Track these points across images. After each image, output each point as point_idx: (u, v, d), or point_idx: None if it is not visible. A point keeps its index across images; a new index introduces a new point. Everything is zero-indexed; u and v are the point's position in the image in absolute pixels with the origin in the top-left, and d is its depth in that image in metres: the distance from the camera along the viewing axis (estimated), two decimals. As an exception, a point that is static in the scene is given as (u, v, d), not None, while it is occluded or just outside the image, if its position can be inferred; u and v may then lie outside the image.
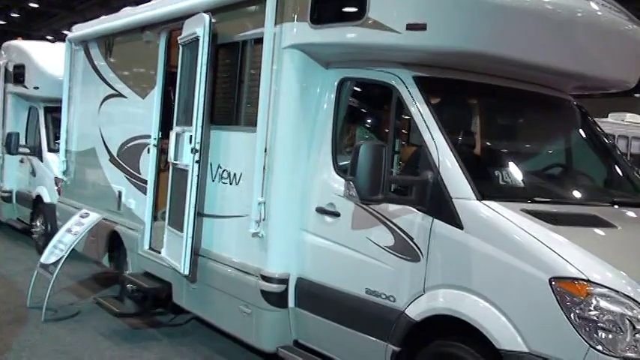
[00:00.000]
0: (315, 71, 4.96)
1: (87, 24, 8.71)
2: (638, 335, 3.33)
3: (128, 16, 7.42)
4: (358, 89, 4.92)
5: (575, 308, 3.38)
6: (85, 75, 8.38)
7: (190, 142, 5.61)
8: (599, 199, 4.61)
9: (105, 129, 7.83)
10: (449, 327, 3.92)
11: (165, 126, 6.77)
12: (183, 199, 5.68)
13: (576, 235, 3.70)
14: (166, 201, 6.34)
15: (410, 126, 4.42)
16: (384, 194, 4.01)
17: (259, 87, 5.14)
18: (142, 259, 6.75)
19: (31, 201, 10.42)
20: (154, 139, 6.73)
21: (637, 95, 30.86)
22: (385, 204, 4.21)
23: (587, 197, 4.66)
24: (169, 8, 6.48)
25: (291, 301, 4.98)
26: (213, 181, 5.73)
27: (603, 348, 3.31)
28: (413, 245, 4.14)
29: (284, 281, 4.97)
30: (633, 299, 3.36)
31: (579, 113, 5.23)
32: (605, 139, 5.26)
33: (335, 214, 4.67)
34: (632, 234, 4.10)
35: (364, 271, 4.45)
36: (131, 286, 6.86)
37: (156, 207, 6.84)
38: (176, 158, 5.97)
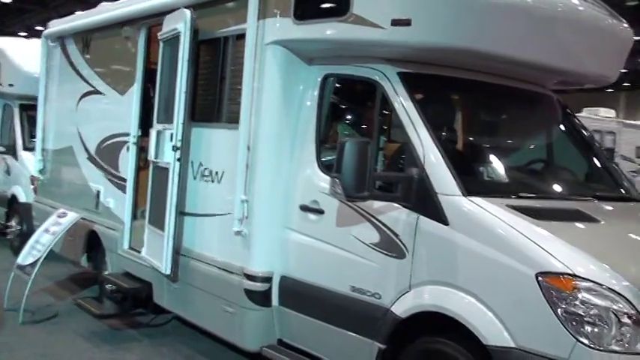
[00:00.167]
0: (298, 68, 4.92)
1: (63, 20, 8.58)
2: (623, 328, 3.34)
3: (106, 12, 7.30)
4: (342, 85, 4.90)
5: (561, 303, 3.39)
6: (62, 72, 8.25)
7: (171, 140, 5.54)
8: (581, 194, 4.63)
9: (82, 127, 7.72)
10: (435, 324, 3.91)
11: (144, 123, 6.71)
12: (164, 198, 5.61)
13: (561, 230, 3.71)
14: (146, 200, 6.25)
15: (394, 122, 4.40)
16: (370, 191, 3.99)
17: (241, 84, 5.09)
18: (122, 259, 6.66)
19: (6, 200, 10.26)
20: (134, 137, 6.64)
21: (610, 90, 31.38)
22: (370, 201, 4.18)
23: (569, 192, 4.68)
24: (149, 4, 6.39)
25: (274, 300, 4.93)
26: (194, 179, 5.67)
27: (589, 342, 3.32)
28: (398, 242, 4.12)
29: (268, 280, 4.93)
30: (618, 293, 3.38)
31: (560, 108, 5.26)
32: (585, 134, 5.29)
33: (319, 212, 4.64)
34: (614, 228, 4.12)
35: (349, 269, 4.43)
36: (110, 287, 6.79)
37: (135, 206, 6.76)
38: (157, 156, 5.90)
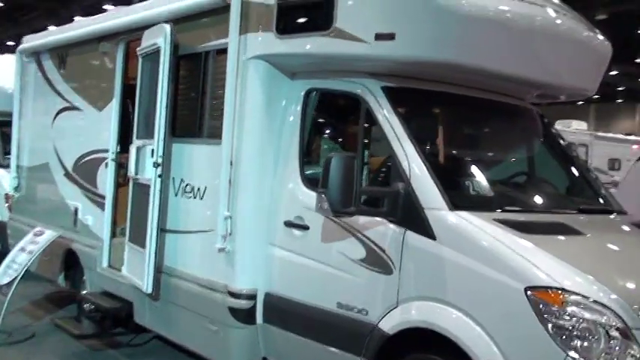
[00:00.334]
0: (280, 82, 4.90)
1: (38, 35, 8.45)
2: (612, 342, 3.35)
3: (83, 27, 7.21)
4: (325, 100, 4.87)
5: (550, 317, 3.39)
6: (37, 87, 8.12)
7: (152, 156, 5.46)
8: (565, 207, 4.66)
9: (59, 143, 7.60)
10: (424, 340, 3.88)
11: (123, 139, 6.63)
12: (145, 215, 5.52)
13: (548, 244, 3.72)
14: (126, 217, 6.16)
15: (379, 136, 4.39)
16: (357, 206, 3.97)
17: (223, 98, 5.05)
18: (101, 278, 6.55)
19: (-20, 219, 10.06)
20: (113, 153, 6.54)
21: (580, 103, 31.88)
22: (356, 216, 4.16)
23: (553, 205, 4.70)
24: (127, 19, 6.33)
25: (259, 318, 4.87)
26: (175, 196, 5.59)
27: (579, 356, 3.32)
28: (385, 257, 4.09)
29: (252, 297, 4.86)
30: (606, 306, 3.39)
31: (541, 122, 5.29)
32: (566, 147, 5.33)
33: (304, 227, 4.60)
34: (600, 241, 4.14)
35: (335, 285, 4.39)
36: (89, 306, 6.67)
37: (115, 223, 6.66)
38: (137, 173, 5.82)
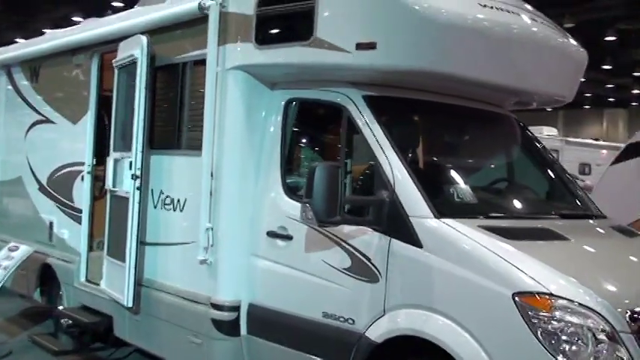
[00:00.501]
0: (260, 92, 4.88)
1: (8, 48, 8.33)
2: (599, 345, 3.38)
3: (56, 39, 7.14)
4: (306, 110, 4.85)
5: (538, 322, 3.41)
6: (9, 100, 8.02)
7: (130, 168, 5.40)
8: (548, 213, 4.71)
9: (32, 156, 7.49)
10: (411, 347, 3.88)
11: (98, 152, 6.55)
12: (123, 228, 5.45)
13: (534, 250, 3.74)
14: (103, 230, 6.08)
15: (361, 146, 4.38)
16: (342, 216, 3.96)
17: (201, 110, 5.02)
18: (79, 292, 6.44)
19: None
20: (89, 166, 6.46)
21: (548, 110, 32.33)
22: (340, 225, 4.14)
23: (537, 211, 4.75)
24: (102, 30, 6.28)
25: (243, 329, 4.82)
26: (155, 208, 5.53)
27: (568, 360, 3.34)
28: (371, 266, 4.08)
29: (235, 308, 4.82)
30: (593, 310, 3.42)
31: (520, 129, 5.34)
32: (546, 153, 5.38)
33: (287, 238, 4.58)
34: (584, 246, 4.17)
35: (320, 295, 4.37)
36: (66, 321, 6.54)
37: (91, 237, 6.56)
38: (114, 185, 5.75)
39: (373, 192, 4.17)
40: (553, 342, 3.37)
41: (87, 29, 6.65)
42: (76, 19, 17.82)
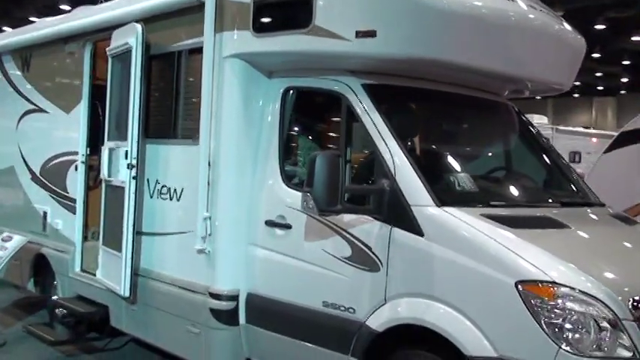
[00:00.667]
0: (258, 81, 4.84)
1: (-1, 36, 8.24)
2: (603, 333, 3.39)
3: (48, 28, 7.04)
4: (304, 98, 4.82)
5: (542, 310, 3.41)
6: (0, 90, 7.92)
7: (126, 158, 5.36)
8: (548, 201, 4.71)
9: (25, 146, 7.41)
10: (413, 336, 3.88)
11: (92, 141, 6.49)
12: (119, 218, 5.41)
13: (536, 238, 3.74)
14: (97, 220, 6.04)
15: (361, 134, 4.36)
16: (343, 205, 3.94)
17: (197, 98, 4.98)
18: (74, 282, 6.40)
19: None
20: (83, 156, 6.40)
21: (538, 98, 32.53)
22: (341, 214, 4.12)
23: (537, 199, 4.74)
24: (95, 18, 6.19)
25: (241, 318, 4.81)
26: (151, 198, 5.49)
27: (571, 348, 3.35)
28: (371, 255, 4.07)
29: (234, 298, 4.80)
30: (596, 298, 3.42)
31: (518, 117, 5.33)
32: (545, 142, 5.38)
33: (286, 227, 4.55)
34: (585, 234, 4.18)
35: (320, 284, 4.35)
36: (61, 311, 6.50)
37: (86, 226, 6.52)
38: (110, 175, 5.70)
39: (373, 181, 4.16)
40: (556, 330, 3.37)
41: (80, 17, 6.56)
42: (64, 8, 17.61)
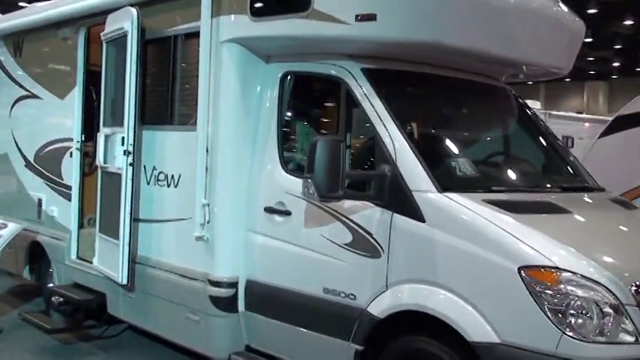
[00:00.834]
0: (256, 66, 4.78)
1: (-11, 21, 8.11)
2: (606, 318, 3.38)
3: (40, 12, 6.94)
4: (302, 83, 4.77)
5: (545, 295, 3.40)
6: (-9, 76, 7.82)
7: (122, 144, 5.30)
8: (549, 186, 4.69)
9: (18, 133, 7.34)
10: (415, 322, 3.86)
11: (87, 128, 6.42)
12: (116, 205, 5.36)
13: (539, 223, 3.72)
14: (93, 207, 5.99)
15: (360, 119, 4.33)
16: (344, 191, 3.91)
17: (194, 84, 4.93)
18: (70, 270, 6.36)
19: None
20: (78, 142, 6.33)
21: (530, 83, 32.53)
22: (341, 200, 4.09)
23: (538, 184, 4.73)
24: (89, 2, 6.09)
25: (241, 305, 4.78)
26: (148, 184, 5.44)
27: (574, 333, 3.34)
28: (372, 241, 4.04)
29: (233, 285, 4.77)
30: (599, 283, 3.41)
31: (517, 101, 5.31)
32: (544, 127, 5.36)
33: (285, 213, 4.52)
34: (586, 219, 4.17)
35: (320, 270, 4.33)
36: (57, 299, 6.45)
37: (82, 214, 6.47)
38: (106, 161, 5.63)
39: (374, 166, 4.13)
40: (559, 315, 3.36)
41: (72, 1, 6.46)
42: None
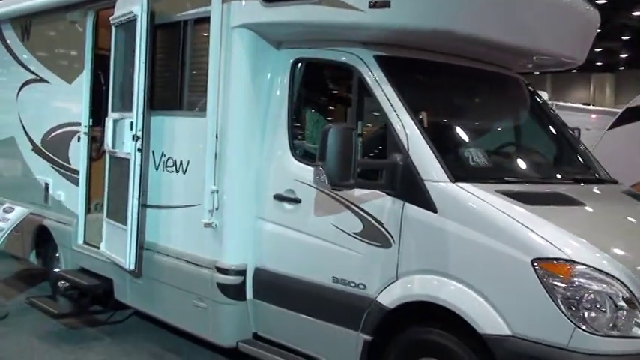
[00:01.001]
0: (266, 52, 4.74)
1: (-3, 4, 8.07)
2: (619, 312, 3.35)
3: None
4: (313, 70, 4.73)
5: (558, 288, 3.36)
6: (-1, 59, 7.79)
7: (131, 129, 5.26)
8: (561, 177, 4.65)
9: (25, 116, 7.31)
10: (425, 313, 3.84)
11: (94, 112, 6.39)
12: (124, 190, 5.34)
13: (552, 215, 3.68)
14: (101, 192, 5.97)
15: (372, 108, 4.28)
16: (355, 179, 3.87)
17: (203, 69, 4.90)
18: (77, 255, 6.35)
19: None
20: (85, 127, 6.31)
21: (536, 73, 32.36)
22: (352, 189, 4.06)
23: (551, 176, 4.69)
24: (98, -15, 6.06)
25: (249, 293, 4.77)
26: (156, 170, 5.41)
27: (587, 327, 3.31)
28: (383, 230, 4.01)
29: (241, 272, 4.75)
30: (613, 276, 3.38)
31: (529, 91, 5.25)
32: (556, 118, 5.30)
33: (295, 201, 4.49)
34: (599, 211, 4.13)
35: (330, 259, 4.30)
36: (63, 284, 6.46)
37: (89, 199, 6.45)
38: (114, 146, 5.60)
39: (385, 155, 4.09)
40: (572, 308, 3.33)
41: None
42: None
